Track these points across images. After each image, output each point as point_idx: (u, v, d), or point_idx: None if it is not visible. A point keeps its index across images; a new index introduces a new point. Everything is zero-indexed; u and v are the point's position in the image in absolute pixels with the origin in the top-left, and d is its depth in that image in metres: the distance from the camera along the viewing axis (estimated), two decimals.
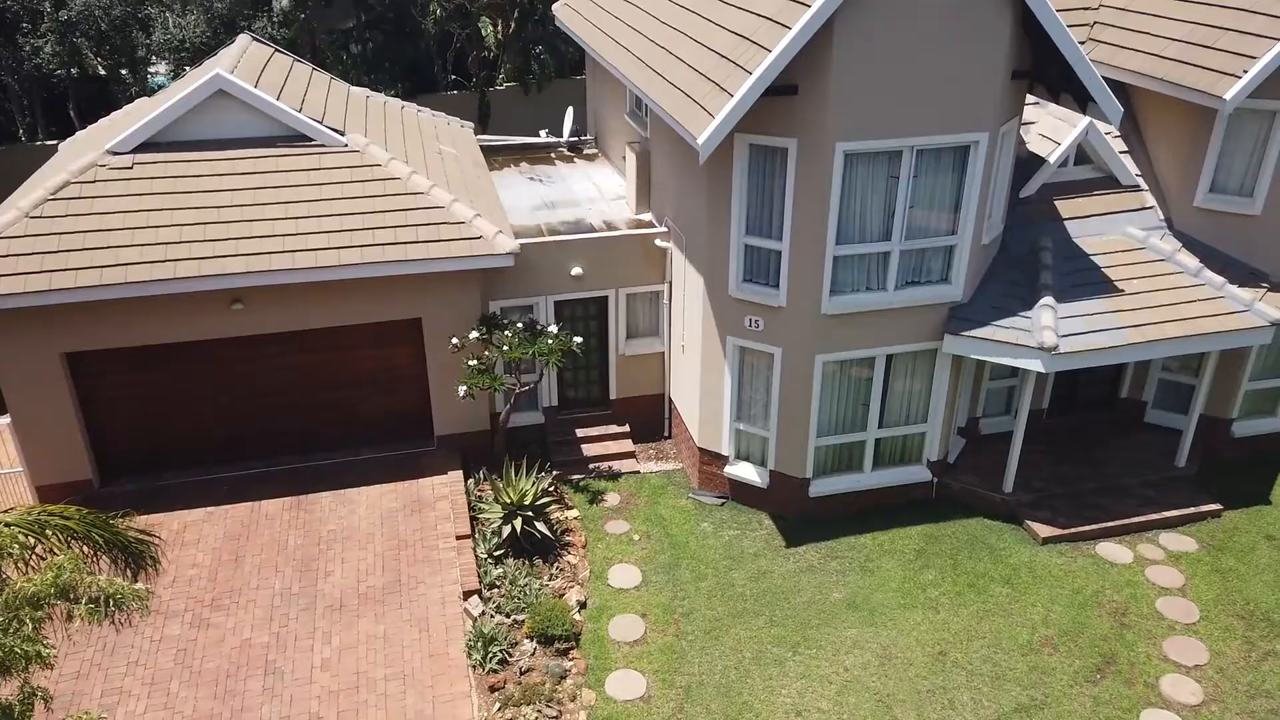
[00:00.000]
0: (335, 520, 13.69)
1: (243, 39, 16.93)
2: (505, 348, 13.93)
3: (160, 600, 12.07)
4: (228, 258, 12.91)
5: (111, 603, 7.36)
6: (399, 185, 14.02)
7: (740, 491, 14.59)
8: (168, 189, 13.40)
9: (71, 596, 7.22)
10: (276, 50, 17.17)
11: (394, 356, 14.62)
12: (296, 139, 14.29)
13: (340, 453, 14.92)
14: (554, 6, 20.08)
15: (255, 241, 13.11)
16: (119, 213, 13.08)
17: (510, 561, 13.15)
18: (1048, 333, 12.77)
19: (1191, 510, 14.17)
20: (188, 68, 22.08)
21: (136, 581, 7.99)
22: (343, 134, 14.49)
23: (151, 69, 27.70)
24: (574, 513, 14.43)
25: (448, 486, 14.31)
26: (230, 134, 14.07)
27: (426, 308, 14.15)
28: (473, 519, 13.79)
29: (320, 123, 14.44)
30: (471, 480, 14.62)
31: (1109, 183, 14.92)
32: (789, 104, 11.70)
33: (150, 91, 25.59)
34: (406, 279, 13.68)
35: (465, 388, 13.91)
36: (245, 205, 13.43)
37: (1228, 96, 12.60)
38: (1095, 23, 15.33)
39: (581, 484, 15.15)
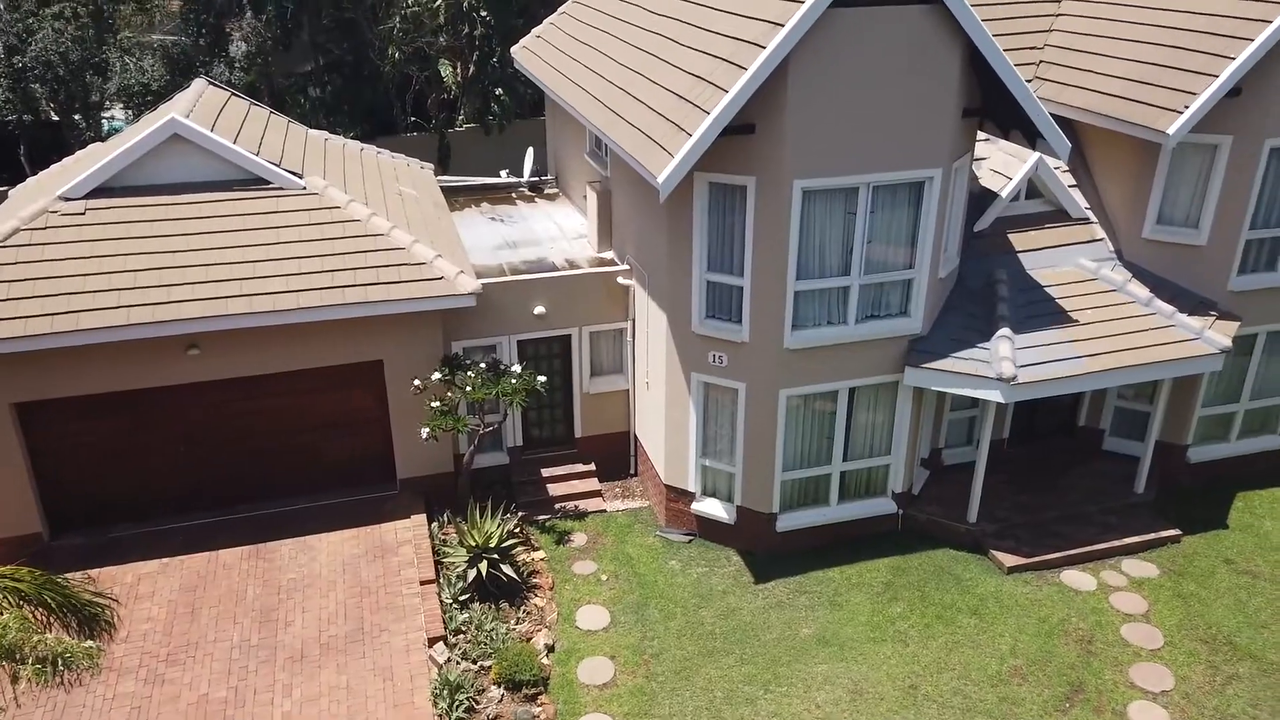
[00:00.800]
0: (296, 568, 13.40)
1: (199, 83, 16.86)
2: (468, 388, 13.83)
3: (113, 657, 11.69)
4: (183, 303, 12.73)
5: (60, 662, 7.11)
6: (359, 227, 13.96)
7: (707, 528, 14.54)
8: (122, 234, 13.22)
9: (17, 657, 6.96)
10: (234, 94, 17.10)
11: (355, 399, 14.45)
12: (254, 182, 14.19)
13: (301, 499, 14.65)
14: (513, 49, 20.25)
15: (212, 286, 12.94)
16: (71, 259, 12.86)
17: (476, 606, 12.94)
18: (1006, 363, 12.95)
19: (1151, 536, 14.36)
20: (145, 112, 21.93)
21: (89, 639, 7.73)
22: (301, 177, 14.42)
23: (106, 114, 27.43)
24: (540, 554, 14.27)
25: (411, 531, 14.09)
26: (186, 178, 13.95)
27: (388, 350, 14.03)
28: (437, 563, 13.58)
29: (278, 165, 14.36)
30: (435, 524, 14.42)
31: (1060, 216, 15.26)
32: (747, 142, 11.86)
33: (105, 136, 25.33)
34: (367, 321, 13.56)
35: (428, 430, 13.76)
36: (201, 249, 13.28)
37: (1170, 131, 12.99)
38: (1041, 61, 15.77)
39: (548, 524, 15.00)
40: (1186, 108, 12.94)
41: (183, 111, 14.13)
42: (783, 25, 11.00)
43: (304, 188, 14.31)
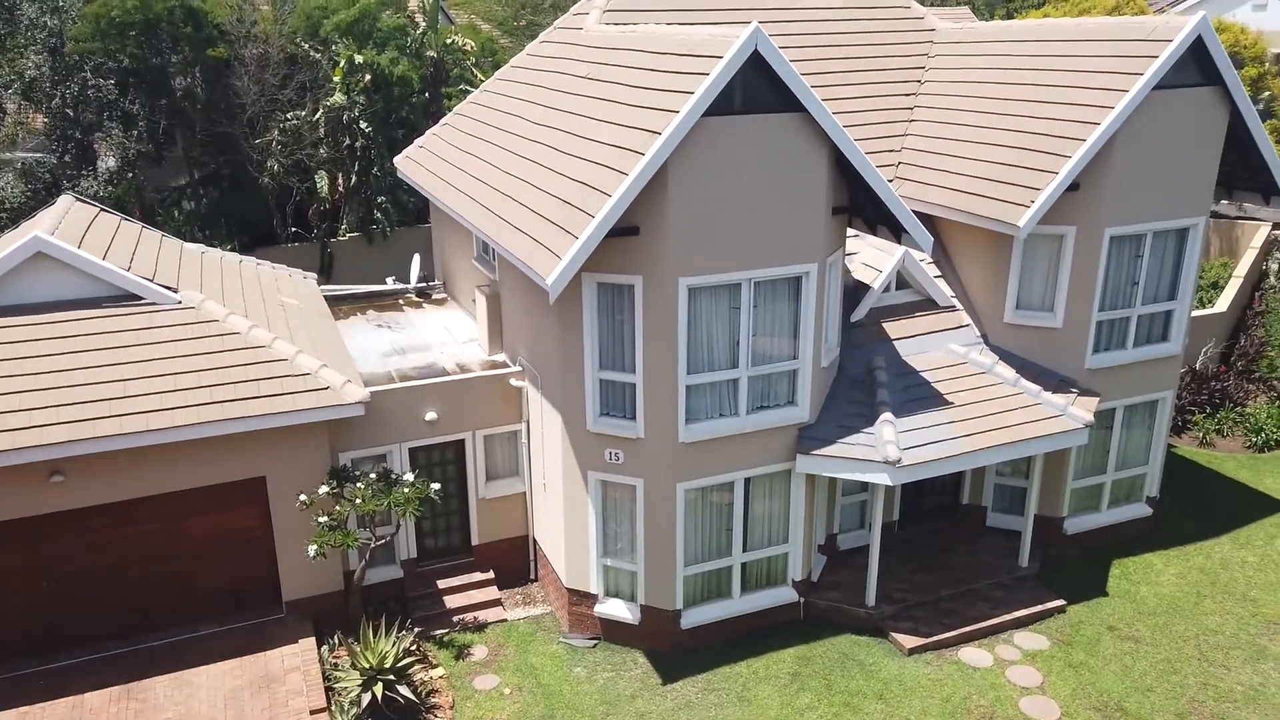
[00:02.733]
0: (172, 707, 12.43)
1: (65, 199, 16.32)
2: (358, 500, 13.39)
3: None
4: (47, 426, 12.01)
5: None
6: (238, 340, 13.57)
7: (612, 630, 14.27)
8: None
9: None
10: (102, 209, 16.61)
11: (235, 520, 13.75)
12: (125, 298, 13.70)
13: (176, 630, 13.70)
14: (396, 159, 20.42)
15: (79, 407, 12.28)
16: None
17: None
18: (890, 447, 13.41)
19: (1039, 608, 14.84)
20: (5, 230, 20.99)
21: None
22: (176, 291, 14.01)
23: None
24: (439, 671, 13.68)
25: (299, 656, 13.32)
26: (52, 296, 13.38)
27: (271, 465, 13.50)
28: (328, 690, 12.83)
29: (151, 280, 13.93)
30: (326, 647, 13.69)
31: (929, 305, 16.13)
32: (632, 243, 12.20)
33: None
34: (249, 436, 13.06)
35: (316, 547, 13.19)
36: (68, 370, 12.64)
37: (1021, 224, 14.03)
38: (900, 163, 16.90)
39: (446, 639, 14.44)
40: (1033, 202, 14.03)
41: (47, 228, 13.63)
42: (660, 133, 11.51)
43: (179, 302, 13.88)
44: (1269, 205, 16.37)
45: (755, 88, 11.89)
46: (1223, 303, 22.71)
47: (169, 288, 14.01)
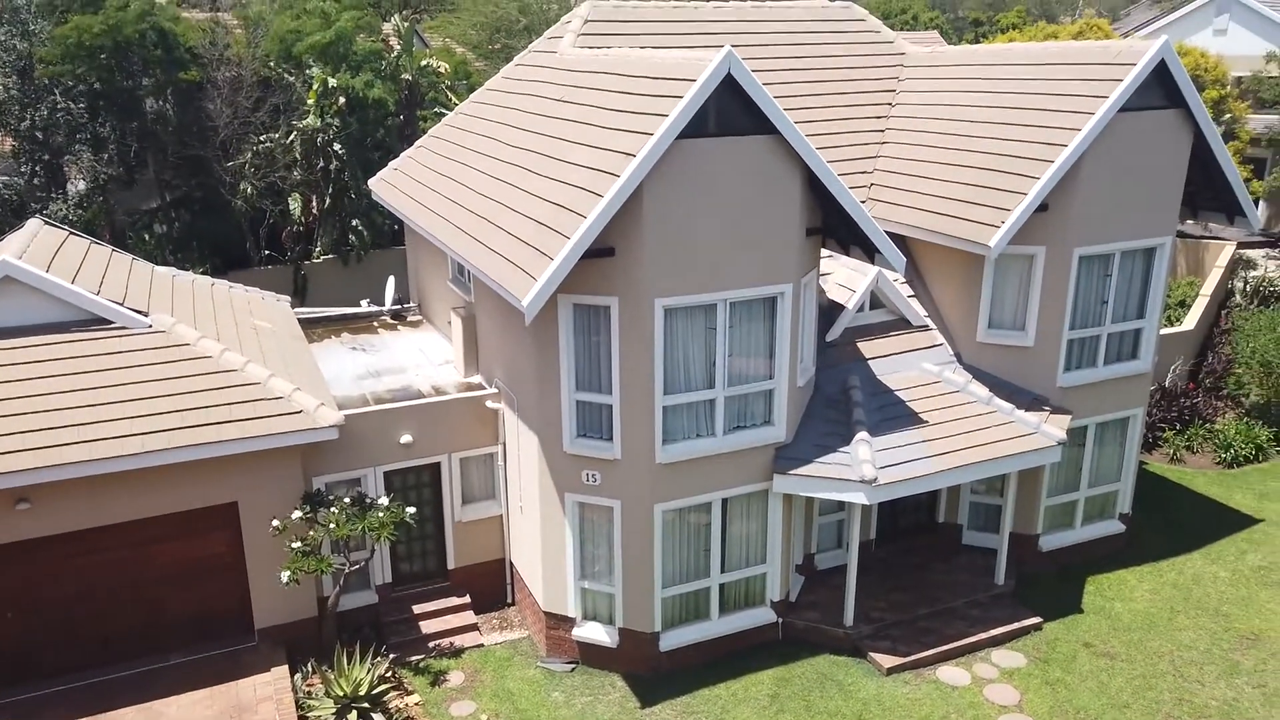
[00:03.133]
0: None
1: (33, 223, 16.12)
2: (332, 525, 13.24)
3: None
4: (14, 453, 11.79)
5: None
6: (210, 364, 13.43)
7: (590, 654, 14.16)
8: None
9: None
10: (72, 233, 16.42)
11: (207, 546, 13.55)
12: (95, 322, 13.54)
13: (146, 660, 13.44)
14: (370, 181, 20.38)
15: (47, 433, 12.08)
16: None
17: None
18: (866, 466, 13.46)
19: (1016, 626, 14.90)
20: None
21: None
22: (146, 314, 13.86)
23: None
24: (415, 698, 13.50)
25: (271, 685, 13.10)
26: (20, 320, 13.19)
27: (243, 490, 13.33)
28: (302, 719, 12.62)
29: (121, 304, 13.78)
30: (299, 675, 13.47)
31: (902, 324, 16.26)
32: (608, 264, 12.23)
33: None
34: (220, 461, 12.90)
35: (289, 573, 13.02)
36: (35, 395, 12.45)
37: (992, 244, 14.20)
38: (872, 184, 17.09)
39: (422, 665, 14.26)
40: (1003, 222, 14.21)
41: (15, 252, 13.44)
42: (635, 155, 11.57)
43: (149, 326, 13.73)
44: (1233, 225, 16.69)
45: (729, 110, 12.00)
46: (1190, 321, 23.08)
47: (139, 311, 13.86)
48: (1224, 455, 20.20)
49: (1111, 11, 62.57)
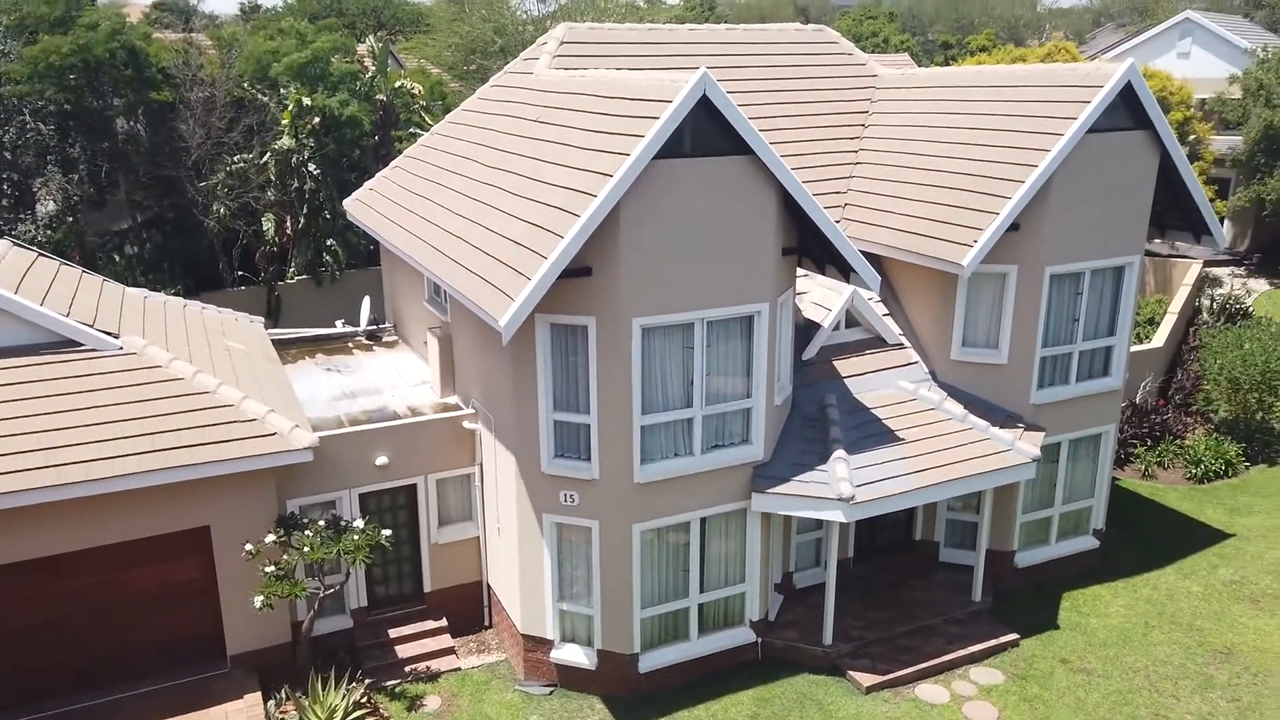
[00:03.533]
0: None
1: (1, 244, 15.92)
2: (306, 549, 13.07)
3: None
4: None
5: None
6: (182, 386, 13.27)
7: (568, 676, 14.04)
8: None
9: None
10: (41, 254, 16.22)
11: (178, 571, 13.32)
12: (64, 345, 13.34)
13: (114, 688, 13.16)
14: (345, 202, 20.30)
15: (14, 458, 11.86)
16: None
17: None
18: (844, 484, 13.50)
19: (993, 643, 14.95)
20: None
21: None
22: (117, 336, 13.69)
23: None
24: None
25: (244, 713, 12.88)
26: None
27: (215, 514, 13.14)
28: None
29: (91, 326, 13.60)
30: (272, 702, 13.25)
31: (878, 342, 16.37)
32: (585, 284, 12.23)
33: None
34: (193, 485, 12.72)
35: (262, 598, 12.83)
36: (4, 419, 12.22)
37: (965, 263, 14.36)
38: (847, 204, 17.24)
39: (398, 689, 14.08)
40: (976, 242, 14.38)
41: None
42: (611, 175, 11.61)
43: (120, 348, 13.55)
44: (1199, 243, 16.99)
45: (704, 131, 12.08)
46: (1159, 338, 23.42)
47: (110, 333, 13.68)
48: (1194, 471, 20.45)
49: (1077, 35, 63.89)
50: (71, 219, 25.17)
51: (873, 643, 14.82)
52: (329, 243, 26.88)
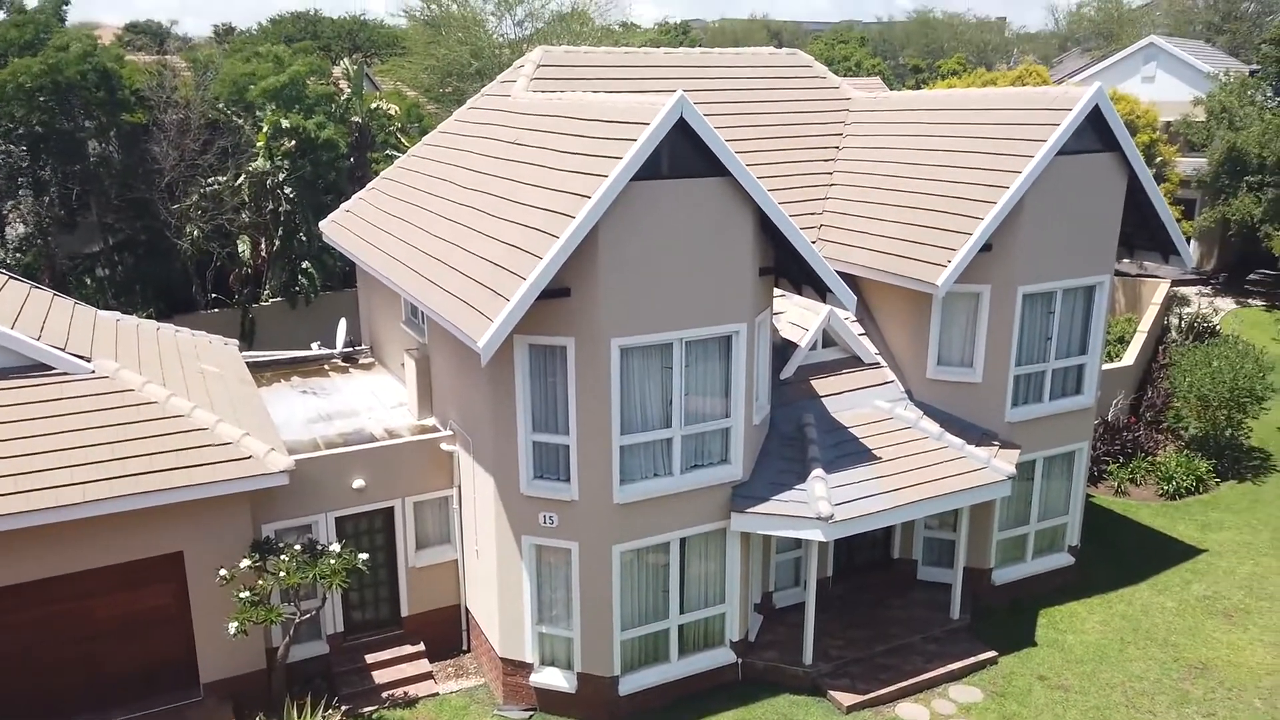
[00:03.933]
0: None
1: None
2: (282, 573, 12.91)
3: None
4: None
5: None
6: (156, 409, 13.11)
7: (548, 700, 13.92)
8: None
9: None
10: (11, 277, 16.02)
11: (150, 597, 13.10)
12: (36, 369, 13.16)
13: (87, 717, 12.89)
14: (321, 224, 20.22)
15: None
16: None
17: None
18: (822, 503, 13.54)
19: (971, 660, 15.01)
20: None
21: None
22: (89, 360, 13.51)
23: None
24: None
25: None
26: None
27: (189, 539, 12.96)
28: None
29: (62, 349, 13.42)
30: None
31: (854, 362, 16.48)
32: (564, 305, 12.25)
33: None
34: (165, 509, 12.54)
35: (236, 624, 12.64)
36: None
37: (939, 283, 14.52)
38: (822, 225, 17.40)
39: (375, 716, 13.90)
40: (950, 262, 14.55)
41: None
42: (590, 197, 11.67)
43: (92, 371, 13.38)
44: (1168, 263, 17.29)
45: (681, 153, 12.18)
46: (1129, 356, 23.76)
47: (82, 357, 13.51)
48: (1166, 487, 20.70)
49: (1044, 60, 65.00)
50: (42, 241, 24.90)
51: (852, 662, 14.83)
52: (304, 265, 26.73)
